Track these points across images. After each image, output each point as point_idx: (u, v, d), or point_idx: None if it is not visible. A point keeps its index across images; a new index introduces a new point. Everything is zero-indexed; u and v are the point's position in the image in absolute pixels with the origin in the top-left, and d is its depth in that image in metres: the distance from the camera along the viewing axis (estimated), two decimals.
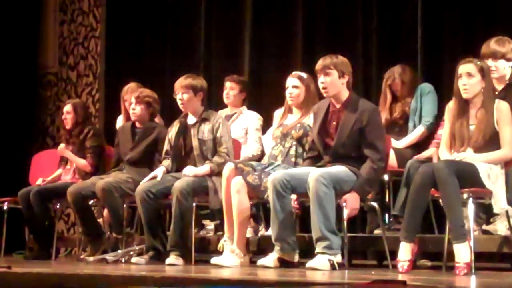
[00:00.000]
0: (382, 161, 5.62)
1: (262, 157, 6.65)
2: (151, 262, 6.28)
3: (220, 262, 5.81)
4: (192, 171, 6.26)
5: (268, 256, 5.63)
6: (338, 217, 5.53)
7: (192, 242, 6.23)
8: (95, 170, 7.35)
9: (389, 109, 6.50)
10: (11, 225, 7.79)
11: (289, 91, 6.16)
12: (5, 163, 9.29)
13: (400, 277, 4.71)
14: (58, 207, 7.52)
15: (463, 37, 7.06)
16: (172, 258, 6.12)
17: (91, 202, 7.01)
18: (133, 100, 6.92)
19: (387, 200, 6.41)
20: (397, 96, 6.53)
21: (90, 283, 4.97)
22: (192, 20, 8.90)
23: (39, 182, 7.52)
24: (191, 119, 6.51)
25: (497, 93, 5.56)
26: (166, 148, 6.57)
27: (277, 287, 4.41)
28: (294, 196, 5.62)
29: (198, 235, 6.84)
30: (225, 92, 7.23)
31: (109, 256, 6.58)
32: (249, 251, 6.21)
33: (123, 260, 6.53)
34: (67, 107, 7.59)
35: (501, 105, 5.28)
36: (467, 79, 5.28)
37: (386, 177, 6.24)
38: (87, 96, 9.67)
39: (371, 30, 7.66)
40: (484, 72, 5.29)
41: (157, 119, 7.14)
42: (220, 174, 6.09)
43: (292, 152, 6.07)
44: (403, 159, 6.12)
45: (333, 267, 5.33)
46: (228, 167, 5.96)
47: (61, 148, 7.48)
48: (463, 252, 4.97)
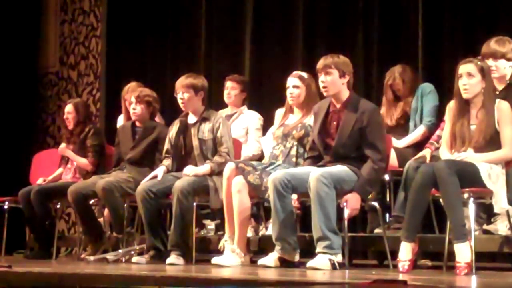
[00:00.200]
0: (383, 161, 5.62)
1: (262, 157, 6.66)
2: (152, 262, 6.27)
3: (221, 262, 5.81)
4: (193, 171, 6.26)
5: (269, 256, 5.63)
6: (339, 217, 5.53)
7: (193, 242, 6.22)
8: (96, 169, 7.35)
9: (390, 109, 6.51)
10: (12, 225, 7.78)
11: (290, 91, 6.15)
12: (6, 163, 9.29)
13: (401, 277, 4.71)
14: (59, 207, 7.52)
15: (464, 37, 7.04)
16: (173, 258, 6.12)
17: (92, 202, 7.01)
18: (133, 100, 6.92)
19: (388, 200, 6.41)
20: (398, 96, 6.54)
21: (91, 283, 4.97)
22: (193, 20, 8.89)
23: (40, 182, 7.52)
24: (192, 119, 6.51)
25: (498, 93, 5.56)
26: (167, 148, 6.57)
27: (278, 287, 4.41)
28: (295, 196, 5.63)
29: (199, 235, 6.83)
30: (226, 92, 7.23)
31: (110, 256, 6.58)
32: (250, 251, 6.20)
33: (124, 260, 6.53)
34: (68, 107, 7.58)
35: (502, 105, 5.28)
36: (468, 79, 5.27)
37: (387, 177, 6.23)
38: (88, 96, 9.66)
39: (372, 30, 7.66)
40: (485, 72, 5.29)
41: (157, 118, 7.14)
42: (221, 174, 6.08)
43: (293, 152, 6.07)
44: (404, 159, 6.12)
45: (334, 267, 5.32)
46: (229, 167, 5.96)
47: (62, 148, 7.47)
48: (464, 252, 4.97)
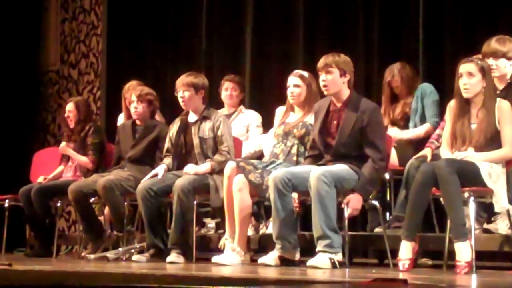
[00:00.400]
0: (383, 161, 5.62)
1: (263, 154, 6.67)
2: (152, 260, 6.27)
3: (221, 260, 5.81)
4: (193, 169, 6.26)
5: (269, 255, 5.63)
6: (339, 216, 5.53)
7: (193, 240, 6.22)
8: (97, 167, 7.35)
9: (388, 108, 6.50)
10: (12, 223, 7.78)
11: (291, 90, 6.15)
12: (6, 161, 9.29)
13: (401, 276, 4.70)
14: (59, 205, 7.52)
15: (464, 37, 7.05)
16: (173, 256, 6.12)
17: (92, 200, 7.01)
18: (134, 99, 6.91)
19: (388, 199, 6.41)
20: (397, 94, 6.52)
21: (91, 281, 4.97)
22: (194, 18, 8.89)
23: (41, 180, 7.52)
24: (192, 117, 6.51)
25: (498, 92, 5.55)
26: (167, 146, 6.57)
27: (278, 286, 4.41)
28: (295, 195, 5.63)
29: (199, 233, 6.84)
30: (227, 93, 7.24)
31: (110, 254, 6.59)
32: (250, 249, 6.21)
33: (124, 258, 6.53)
34: (70, 106, 7.58)
35: (503, 104, 5.28)
36: (468, 79, 5.27)
37: (387, 176, 6.24)
38: (88, 94, 9.67)
39: (373, 29, 7.66)
40: (485, 72, 5.28)
41: (158, 116, 7.14)
42: (221, 172, 6.09)
43: (294, 151, 6.07)
44: (405, 158, 6.12)
45: (334, 266, 5.32)
46: (230, 166, 5.96)
47: (62, 147, 7.47)
48: (464, 251, 4.97)
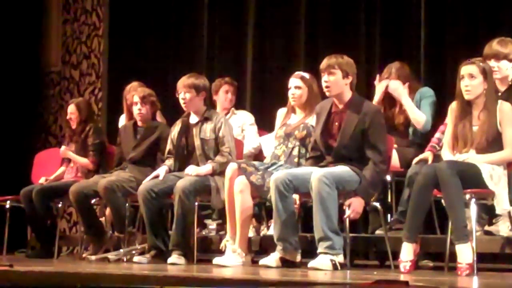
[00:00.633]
0: (384, 163, 5.61)
1: (261, 152, 6.69)
2: (153, 261, 6.27)
3: (222, 262, 5.81)
4: (195, 171, 6.26)
5: (270, 256, 5.62)
6: (341, 217, 5.53)
7: (194, 242, 6.22)
8: (98, 168, 7.36)
9: (390, 113, 6.47)
10: (13, 224, 7.78)
11: (292, 92, 6.15)
12: (8, 162, 9.29)
13: (402, 278, 4.71)
14: (60, 206, 7.53)
15: (466, 39, 7.04)
16: (174, 258, 6.12)
17: (93, 201, 7.00)
18: (137, 100, 6.91)
19: (389, 201, 6.41)
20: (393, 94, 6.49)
21: (92, 282, 4.97)
22: (195, 20, 8.90)
23: (42, 181, 7.52)
24: (194, 119, 6.51)
25: (500, 94, 5.55)
26: (169, 148, 6.57)
27: (279, 287, 4.41)
28: (297, 196, 5.63)
29: (200, 235, 6.84)
30: (226, 96, 7.25)
31: (111, 255, 6.59)
32: (251, 251, 6.21)
33: (125, 259, 6.52)
34: (71, 108, 7.59)
35: (504, 106, 5.28)
36: (469, 80, 5.26)
37: (389, 178, 6.24)
38: (90, 95, 9.67)
39: (374, 31, 7.66)
40: (486, 73, 5.28)
41: (159, 117, 7.14)
42: (223, 174, 6.08)
43: (295, 153, 6.06)
44: (406, 160, 6.12)
45: (335, 267, 5.32)
46: (231, 167, 5.96)
47: (63, 151, 7.49)
48: (465, 253, 4.97)
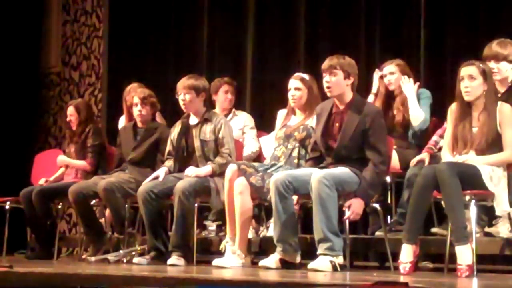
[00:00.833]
0: (384, 164, 5.61)
1: (261, 155, 6.68)
2: (153, 263, 6.26)
3: (222, 263, 5.80)
4: (194, 172, 6.26)
5: (270, 257, 5.62)
6: (340, 219, 5.53)
7: (194, 243, 6.22)
8: (96, 169, 7.36)
9: (383, 105, 6.46)
10: (13, 225, 7.77)
11: (292, 93, 6.14)
12: (8, 163, 9.29)
13: (402, 279, 4.71)
14: (60, 207, 7.53)
15: (466, 40, 7.05)
16: (174, 259, 6.11)
17: (93, 202, 7.00)
18: (137, 101, 6.90)
19: (389, 202, 6.41)
20: (392, 92, 6.48)
21: (92, 283, 4.97)
22: (195, 21, 8.91)
23: (42, 182, 7.51)
24: (193, 120, 6.51)
25: (500, 95, 5.55)
26: (169, 149, 6.57)
27: None
28: (296, 197, 5.62)
29: (200, 236, 6.84)
30: (225, 96, 7.25)
31: (111, 256, 6.58)
32: (251, 252, 6.21)
33: (125, 260, 6.52)
34: (70, 110, 7.59)
35: (504, 107, 5.28)
36: (469, 82, 5.27)
37: (389, 179, 6.24)
38: (90, 96, 9.67)
39: (374, 32, 7.66)
40: (486, 75, 5.28)
41: (158, 118, 7.14)
42: (222, 175, 6.08)
43: (295, 154, 6.06)
44: (406, 161, 6.12)
45: (335, 269, 5.32)
46: (231, 169, 5.95)
47: (60, 160, 7.51)
48: (465, 254, 4.97)
